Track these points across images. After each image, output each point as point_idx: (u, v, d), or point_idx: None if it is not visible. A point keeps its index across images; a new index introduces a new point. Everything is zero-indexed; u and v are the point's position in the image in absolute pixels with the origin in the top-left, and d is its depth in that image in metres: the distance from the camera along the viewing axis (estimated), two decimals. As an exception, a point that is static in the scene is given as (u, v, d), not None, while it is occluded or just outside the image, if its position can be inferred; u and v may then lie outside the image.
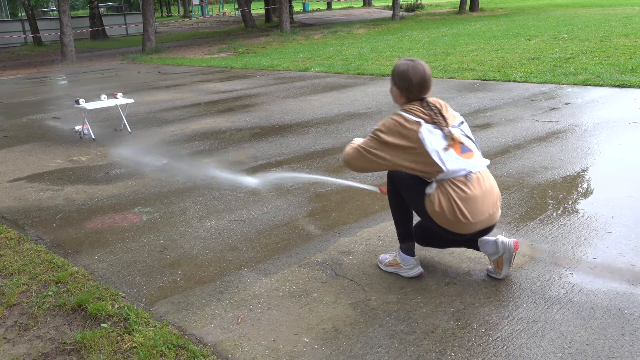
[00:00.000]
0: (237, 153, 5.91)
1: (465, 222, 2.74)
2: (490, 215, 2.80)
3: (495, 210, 2.83)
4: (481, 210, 2.75)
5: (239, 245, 3.62)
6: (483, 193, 2.75)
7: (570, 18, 20.99)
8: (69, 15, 19.75)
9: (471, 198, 2.72)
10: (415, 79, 2.77)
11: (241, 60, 15.84)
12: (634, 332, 2.44)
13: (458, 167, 2.71)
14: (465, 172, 2.73)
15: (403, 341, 2.49)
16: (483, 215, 2.76)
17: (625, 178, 4.42)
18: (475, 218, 2.74)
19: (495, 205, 2.82)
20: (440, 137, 2.71)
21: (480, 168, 2.79)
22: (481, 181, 2.76)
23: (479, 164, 2.79)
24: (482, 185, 2.76)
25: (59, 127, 7.93)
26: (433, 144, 2.69)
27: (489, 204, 2.77)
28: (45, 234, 4.01)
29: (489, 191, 2.78)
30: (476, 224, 2.76)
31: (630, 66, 9.38)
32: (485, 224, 2.80)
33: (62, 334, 2.73)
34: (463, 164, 2.73)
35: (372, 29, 24.01)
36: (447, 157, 2.70)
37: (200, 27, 37.69)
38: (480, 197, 2.74)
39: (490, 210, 2.78)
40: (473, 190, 2.73)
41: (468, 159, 2.75)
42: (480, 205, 2.74)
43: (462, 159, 2.73)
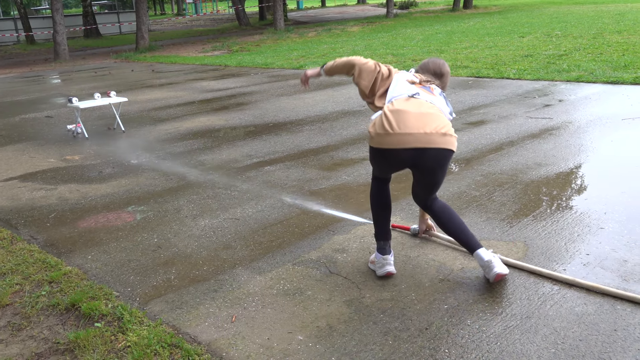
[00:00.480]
0: (231, 151, 5.91)
1: (392, 132, 2.73)
2: (427, 135, 2.71)
3: (436, 133, 2.73)
4: (412, 125, 2.72)
5: (233, 243, 3.62)
6: (419, 111, 2.77)
7: (563, 15, 21.05)
8: (62, 13, 19.66)
9: (402, 110, 2.78)
10: (431, 65, 3.08)
11: (235, 58, 15.81)
12: (626, 328, 2.45)
13: (407, 91, 2.89)
14: (408, 94, 2.87)
15: (397, 338, 2.49)
16: (411, 130, 2.71)
17: (618, 174, 4.44)
18: (403, 128, 2.72)
19: (437, 129, 2.73)
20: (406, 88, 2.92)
21: (432, 101, 2.86)
22: (424, 105, 2.82)
23: (433, 100, 2.88)
24: (422, 106, 2.81)
25: (52, 126, 7.90)
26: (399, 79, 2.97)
27: (424, 122, 2.73)
28: (38, 234, 3.99)
29: (430, 114, 2.78)
30: (404, 135, 2.71)
31: (623, 63, 9.42)
32: (417, 141, 2.71)
33: (56, 334, 2.72)
34: (414, 89, 2.90)
35: (366, 26, 24.01)
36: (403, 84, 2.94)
37: (194, 25, 37.59)
38: (413, 112, 2.77)
39: (427, 129, 2.72)
40: (407, 105, 2.81)
41: (423, 91, 2.91)
42: (412, 119, 2.74)
43: (416, 88, 2.91)
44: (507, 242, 3.36)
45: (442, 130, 2.75)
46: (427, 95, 2.90)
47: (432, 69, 3.07)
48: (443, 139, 2.75)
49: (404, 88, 2.92)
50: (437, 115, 2.81)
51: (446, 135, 2.76)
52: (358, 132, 6.37)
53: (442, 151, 2.78)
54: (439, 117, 2.80)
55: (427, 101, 2.86)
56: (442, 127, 2.76)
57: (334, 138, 6.17)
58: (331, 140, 6.07)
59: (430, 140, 2.73)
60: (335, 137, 6.22)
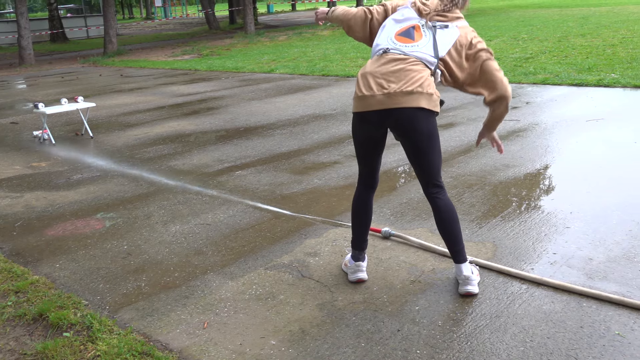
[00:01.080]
0: (202, 156, 5.87)
1: (360, 96, 2.68)
2: (390, 96, 2.59)
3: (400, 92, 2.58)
4: (374, 86, 2.63)
5: (204, 249, 3.59)
6: (384, 69, 2.64)
7: (529, 19, 21.45)
8: (27, 17, 19.28)
9: (369, 72, 2.69)
10: None
11: (205, 62, 15.71)
12: (592, 324, 2.51)
13: (383, 44, 2.75)
14: (382, 49, 2.73)
15: (369, 340, 2.51)
16: (374, 91, 2.62)
17: (584, 174, 4.54)
18: (366, 91, 2.65)
19: (402, 87, 2.58)
20: (405, 18, 2.78)
21: (405, 52, 2.67)
22: (391, 60, 2.66)
23: (408, 49, 2.68)
24: (389, 63, 2.65)
25: (17, 133, 7.73)
26: (392, 19, 2.81)
27: (389, 81, 2.61)
28: (3, 243, 3.90)
29: (397, 70, 2.62)
30: (369, 98, 2.63)
31: (587, 65, 9.64)
32: (383, 103, 2.61)
33: (23, 345, 2.66)
34: (389, 42, 2.73)
35: (336, 30, 24.08)
36: (385, 32, 2.79)
37: (164, 29, 37.24)
38: (378, 71, 2.65)
39: (390, 89, 2.59)
40: (374, 64, 2.69)
41: (399, 41, 2.72)
42: (377, 79, 2.64)
43: (392, 39, 2.74)
44: (477, 242, 3.41)
45: (406, 87, 2.57)
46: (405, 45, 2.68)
47: None
48: (407, 98, 2.57)
49: (384, 37, 2.76)
50: (405, 70, 2.61)
51: (412, 94, 2.57)
52: (329, 135, 6.40)
53: (408, 111, 2.60)
54: (406, 73, 2.60)
55: (399, 54, 2.66)
56: (407, 84, 2.58)
57: (305, 142, 6.18)
58: (302, 144, 6.08)
59: (393, 101, 2.59)
60: (307, 140, 6.23)
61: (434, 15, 2.76)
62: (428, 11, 2.77)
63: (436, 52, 2.68)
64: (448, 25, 2.74)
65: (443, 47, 2.70)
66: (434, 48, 2.69)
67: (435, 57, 2.68)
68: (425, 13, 2.77)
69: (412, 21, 2.78)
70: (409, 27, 2.76)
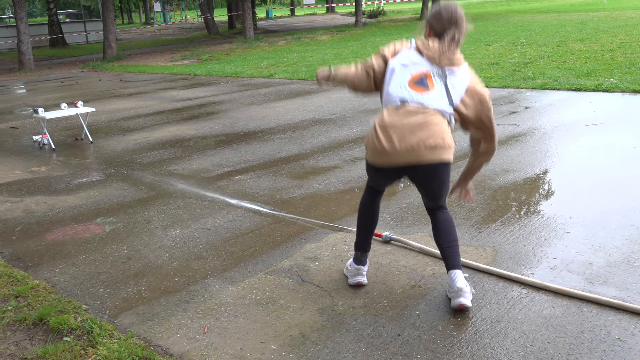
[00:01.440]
0: (202, 161, 5.87)
1: (381, 151, 2.65)
2: (414, 151, 2.59)
3: (424, 147, 2.59)
4: (400, 141, 2.60)
5: (204, 253, 3.59)
6: (406, 123, 2.61)
7: (528, 24, 21.52)
8: (27, 22, 19.32)
9: (389, 125, 2.63)
10: (444, 12, 2.79)
11: (204, 67, 15.74)
12: (592, 329, 2.52)
13: (398, 94, 2.69)
14: (399, 99, 2.68)
15: (370, 345, 2.51)
16: (401, 147, 2.60)
17: (583, 179, 4.55)
18: (392, 148, 2.61)
19: (425, 141, 2.59)
20: (413, 63, 2.72)
21: (423, 103, 2.65)
22: (411, 112, 2.63)
23: (426, 100, 2.65)
24: (410, 116, 2.62)
25: (17, 137, 7.74)
26: (398, 62, 2.75)
27: (412, 136, 2.59)
28: (3, 247, 3.90)
29: (418, 125, 2.60)
30: (393, 154, 2.62)
31: (585, 70, 9.67)
32: (407, 159, 2.62)
33: (23, 349, 2.66)
34: (404, 92, 2.68)
35: (335, 35, 24.16)
36: (396, 78, 2.71)
37: (163, 34, 37.31)
38: (400, 125, 2.61)
39: (414, 144, 2.59)
40: (394, 117, 2.64)
41: (415, 90, 2.67)
42: (399, 134, 2.60)
43: (407, 88, 2.68)
44: (477, 247, 3.41)
45: (430, 142, 2.59)
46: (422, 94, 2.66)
47: (447, 17, 2.76)
48: (432, 153, 2.61)
49: (396, 85, 2.71)
50: (427, 124, 2.61)
51: (436, 148, 2.61)
52: (328, 140, 6.40)
53: (431, 165, 2.64)
54: (428, 126, 2.61)
55: (418, 105, 2.65)
56: (430, 139, 2.59)
57: (304, 146, 6.19)
58: (302, 149, 6.09)
59: (417, 157, 2.61)
60: (306, 145, 6.24)
61: (442, 60, 2.72)
62: (434, 56, 2.72)
63: (450, 100, 2.70)
64: (456, 71, 2.74)
65: (456, 95, 2.71)
66: (448, 97, 2.70)
67: (450, 105, 2.70)
68: (432, 58, 2.72)
69: (422, 67, 2.72)
70: (421, 76, 2.71)
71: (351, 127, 6.96)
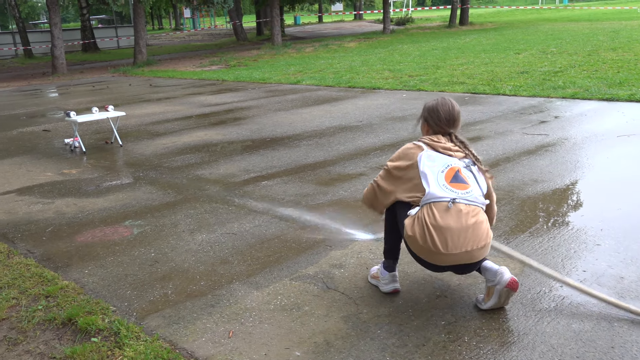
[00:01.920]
0: (229, 166, 5.92)
1: (435, 252, 2.67)
2: (468, 253, 2.67)
3: (477, 248, 2.69)
4: (455, 244, 2.65)
5: (230, 258, 3.61)
6: (462, 226, 2.65)
7: (558, 32, 21.25)
8: (60, 27, 19.75)
9: (445, 228, 2.65)
10: (443, 113, 2.89)
11: (233, 73, 15.89)
12: (624, 345, 2.46)
13: (441, 194, 2.70)
14: (448, 199, 2.69)
15: (394, 354, 2.49)
16: (457, 249, 2.66)
17: (614, 191, 4.46)
18: (447, 250, 2.66)
19: (477, 243, 2.68)
20: (439, 162, 2.77)
21: (470, 201, 2.72)
22: (463, 213, 2.67)
23: (471, 197, 2.73)
24: (462, 218, 2.66)
25: (49, 140, 7.90)
26: (426, 166, 2.78)
27: (467, 239, 2.66)
28: (35, 248, 3.98)
29: (471, 226, 2.67)
30: (448, 255, 2.67)
31: (617, 80, 9.50)
32: (460, 260, 2.69)
33: (52, 349, 2.71)
34: (448, 192, 2.71)
35: (363, 42, 24.18)
36: (433, 180, 2.74)
37: (192, 40, 37.79)
38: (456, 229, 2.65)
39: (467, 247, 2.66)
40: (449, 220, 2.66)
41: (457, 189, 2.72)
42: (455, 238, 2.65)
43: (449, 187, 2.72)
44: (504, 258, 3.37)
45: (482, 244, 2.71)
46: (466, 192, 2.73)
47: (445, 118, 2.89)
48: (481, 252, 2.73)
49: (436, 185, 2.73)
50: (477, 225, 2.69)
51: (484, 247, 2.74)
52: (355, 147, 6.40)
53: (479, 261, 2.78)
54: (479, 228, 2.70)
55: (466, 203, 2.70)
56: (480, 240, 2.70)
57: (331, 153, 6.20)
58: (328, 155, 6.10)
59: (471, 257, 2.72)
60: (333, 152, 6.24)
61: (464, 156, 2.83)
62: (456, 149, 2.85)
63: (483, 192, 2.82)
64: (477, 163, 2.85)
65: (484, 185, 2.84)
66: (481, 189, 2.81)
67: (484, 197, 2.83)
68: (455, 150, 2.84)
69: (450, 162, 2.79)
70: (455, 172, 2.77)
71: (378, 135, 6.95)
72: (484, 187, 2.83)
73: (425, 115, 2.96)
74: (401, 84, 11.05)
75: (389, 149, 6.20)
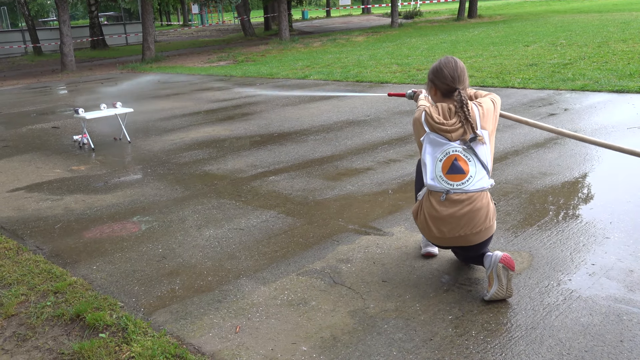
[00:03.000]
0: (236, 161, 5.92)
1: (435, 236, 2.92)
2: (462, 237, 2.84)
3: (472, 233, 2.82)
4: (450, 230, 2.83)
5: (237, 253, 3.62)
6: (455, 215, 2.80)
7: (568, 24, 21.06)
8: (69, 25, 19.83)
9: (440, 218, 2.84)
10: (447, 71, 2.87)
11: (240, 68, 15.89)
12: (633, 339, 2.44)
13: (438, 185, 2.84)
14: (442, 190, 2.82)
15: (401, 349, 2.48)
16: (452, 234, 2.84)
17: (624, 184, 4.42)
18: (444, 235, 2.87)
19: (472, 229, 2.80)
20: (438, 149, 2.85)
21: (465, 189, 2.79)
22: (457, 203, 2.80)
23: (466, 186, 2.79)
24: (456, 207, 2.79)
25: (58, 137, 7.95)
26: (427, 153, 2.88)
27: (460, 225, 2.81)
28: (44, 244, 4.01)
29: (465, 214, 2.79)
30: (445, 240, 2.89)
31: (628, 71, 9.40)
32: (457, 242, 2.88)
33: (61, 344, 2.72)
34: (444, 183, 2.82)
35: (371, 36, 24.09)
36: (432, 171, 2.85)
37: (200, 35, 37.83)
38: (449, 217, 2.81)
39: (461, 232, 2.82)
40: (443, 210, 2.82)
41: (452, 180, 2.80)
42: (449, 225, 2.83)
43: (444, 179, 2.82)
44: (512, 251, 3.35)
45: (476, 229, 2.81)
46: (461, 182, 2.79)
47: (450, 76, 2.86)
48: (478, 237, 2.84)
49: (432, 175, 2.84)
50: (472, 212, 2.79)
51: (481, 232, 2.83)
52: (362, 141, 6.38)
53: (478, 244, 2.88)
54: (474, 216, 2.79)
55: (461, 193, 2.79)
56: (475, 226, 2.80)
57: (338, 148, 6.18)
58: (336, 150, 6.08)
59: (467, 241, 2.86)
60: (340, 146, 6.23)
61: (462, 134, 2.81)
62: (451, 130, 2.82)
63: (486, 168, 2.83)
64: (477, 137, 2.80)
65: (487, 158, 2.83)
66: (484, 167, 2.82)
67: (487, 170, 2.83)
68: (452, 134, 2.82)
69: (448, 149, 2.82)
70: (451, 161, 2.80)
71: (385, 129, 6.92)
72: (487, 157, 2.83)
73: (431, 77, 2.95)
74: (409, 78, 11.00)
75: (396, 143, 6.18)
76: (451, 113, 2.85)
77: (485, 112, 2.86)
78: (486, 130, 2.84)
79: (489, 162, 2.84)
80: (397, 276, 3.15)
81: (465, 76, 2.90)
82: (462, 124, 2.81)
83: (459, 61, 2.92)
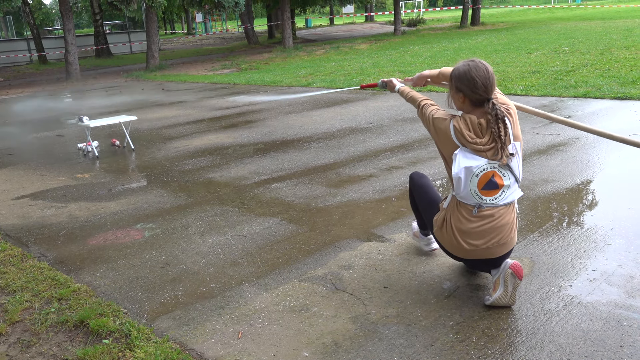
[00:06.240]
0: (240, 169, 5.95)
1: (456, 247, 2.88)
2: (488, 249, 2.81)
3: (497, 245, 2.79)
4: (480, 243, 2.80)
5: (240, 260, 3.64)
6: (484, 229, 2.77)
7: (571, 31, 21.09)
8: (74, 33, 19.97)
9: (469, 232, 2.80)
10: (480, 79, 2.62)
11: (244, 76, 15.96)
12: (633, 344, 2.45)
13: (471, 199, 2.76)
14: (474, 204, 2.76)
15: (402, 355, 2.50)
16: (480, 247, 2.81)
17: (625, 190, 4.43)
18: (475, 248, 2.82)
19: (498, 241, 2.79)
20: (474, 164, 2.68)
21: (496, 204, 2.74)
22: (487, 218, 2.76)
23: (500, 200, 2.74)
24: (487, 221, 2.76)
25: (63, 145, 8.00)
26: (463, 166, 2.69)
27: (489, 238, 2.78)
28: (48, 251, 4.04)
29: (495, 228, 2.77)
30: (466, 251, 2.85)
31: (630, 78, 9.41)
32: (482, 255, 2.84)
33: (64, 351, 2.75)
34: (477, 198, 2.74)
35: (374, 44, 24.18)
36: (465, 185, 2.72)
37: (204, 44, 38.01)
38: (479, 232, 2.78)
39: (488, 244, 2.79)
40: (473, 224, 2.78)
41: (486, 196, 2.72)
42: (478, 239, 2.79)
43: (478, 194, 2.72)
44: (513, 258, 3.36)
45: (502, 241, 2.79)
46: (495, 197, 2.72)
47: (483, 85, 2.62)
48: (503, 249, 2.82)
49: (467, 189, 2.72)
50: (501, 226, 2.77)
51: (506, 244, 2.82)
52: (365, 149, 6.41)
53: (503, 256, 2.86)
54: (502, 230, 2.77)
55: (492, 207, 2.74)
56: (502, 238, 2.79)
57: (341, 155, 6.21)
58: (338, 157, 6.11)
59: (493, 254, 2.83)
60: (343, 154, 6.26)
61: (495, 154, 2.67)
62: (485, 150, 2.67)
63: (518, 180, 2.78)
64: (513, 152, 2.72)
65: (520, 169, 2.79)
66: (517, 180, 2.77)
67: (519, 182, 2.80)
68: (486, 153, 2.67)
69: (485, 165, 2.68)
70: (489, 178, 2.70)
71: (388, 136, 6.95)
72: (520, 168, 2.77)
73: (457, 85, 2.69)
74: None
75: (399, 150, 6.20)
76: (482, 129, 2.65)
77: (514, 119, 2.74)
78: (519, 141, 2.75)
79: (520, 173, 2.78)
80: (398, 282, 3.16)
81: (496, 83, 2.69)
82: (494, 142, 2.65)
83: (489, 66, 2.69)
